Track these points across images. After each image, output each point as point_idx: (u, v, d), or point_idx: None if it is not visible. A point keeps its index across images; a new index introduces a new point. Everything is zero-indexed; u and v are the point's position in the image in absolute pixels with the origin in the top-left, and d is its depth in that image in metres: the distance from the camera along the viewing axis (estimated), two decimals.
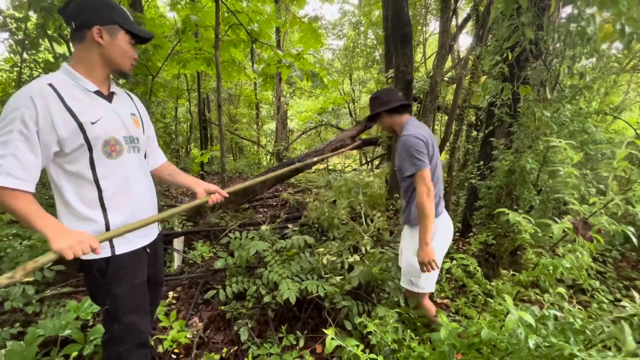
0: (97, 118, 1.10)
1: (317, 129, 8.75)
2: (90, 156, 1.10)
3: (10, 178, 0.94)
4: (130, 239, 1.23)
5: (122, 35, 1.13)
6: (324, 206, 3.29)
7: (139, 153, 1.28)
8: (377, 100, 1.86)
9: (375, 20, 9.85)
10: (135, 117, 1.29)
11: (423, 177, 1.63)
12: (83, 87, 1.11)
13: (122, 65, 1.17)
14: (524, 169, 2.42)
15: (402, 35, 3.25)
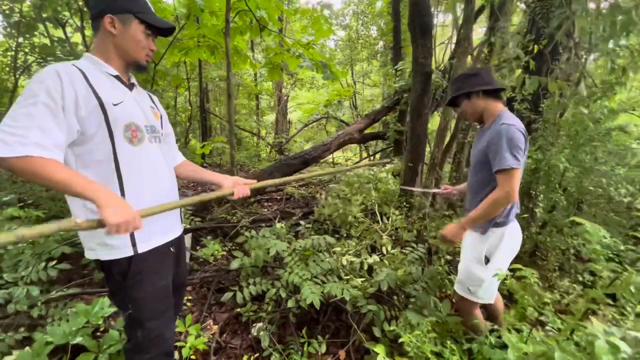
0: (119, 100, 1.06)
1: (320, 121, 8.59)
2: (111, 142, 1.03)
3: (36, 148, 0.87)
4: (152, 236, 1.16)
5: (136, 24, 1.09)
6: (337, 202, 3.18)
7: (160, 144, 1.22)
8: (476, 78, 1.63)
9: (379, 11, 9.63)
10: (154, 110, 1.25)
11: (512, 177, 1.44)
12: (105, 71, 1.09)
13: (135, 56, 1.12)
14: (552, 168, 2.32)
15: (421, 25, 3.09)
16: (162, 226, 1.20)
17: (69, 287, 2.21)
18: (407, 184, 3.52)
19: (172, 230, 1.27)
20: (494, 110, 1.61)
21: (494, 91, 1.62)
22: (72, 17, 5.13)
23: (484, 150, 1.55)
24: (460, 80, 1.70)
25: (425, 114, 3.38)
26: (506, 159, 1.43)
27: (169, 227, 1.24)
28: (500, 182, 1.48)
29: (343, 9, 11.46)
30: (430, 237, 2.96)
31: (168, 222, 1.24)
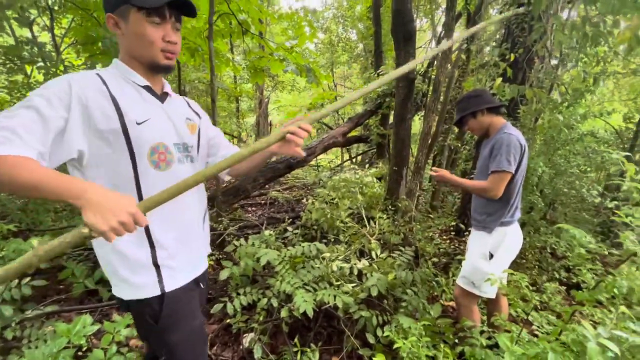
0: (145, 118, 0.89)
1: None
2: (133, 168, 0.87)
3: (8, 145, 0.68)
4: (180, 271, 1.01)
5: (135, 14, 0.85)
6: (325, 207, 3.18)
7: (193, 163, 1.04)
8: (479, 98, 1.84)
9: (359, 15, 9.75)
10: (191, 122, 1.06)
11: (500, 179, 1.67)
12: (132, 82, 0.92)
13: (148, 56, 0.90)
14: (530, 171, 2.43)
15: (404, 32, 3.16)
16: (189, 260, 1.06)
17: (46, 304, 2.08)
18: (391, 187, 3.58)
19: (199, 264, 1.12)
20: (498, 124, 1.82)
21: (495, 108, 1.84)
22: (40, 16, 4.86)
23: (487, 157, 1.75)
24: (464, 102, 1.89)
25: (409, 118, 3.45)
26: (501, 162, 1.65)
27: (197, 260, 1.10)
28: (490, 179, 1.71)
29: (323, 12, 11.52)
30: (416, 240, 3.03)
31: (196, 253, 1.09)
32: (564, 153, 2.65)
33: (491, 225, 1.79)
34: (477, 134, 1.92)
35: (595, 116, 3.13)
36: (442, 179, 1.91)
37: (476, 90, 1.91)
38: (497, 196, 1.71)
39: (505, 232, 1.78)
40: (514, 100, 2.97)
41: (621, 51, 2.18)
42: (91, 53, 4.22)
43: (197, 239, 1.08)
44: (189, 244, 1.04)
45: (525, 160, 1.76)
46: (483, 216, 1.84)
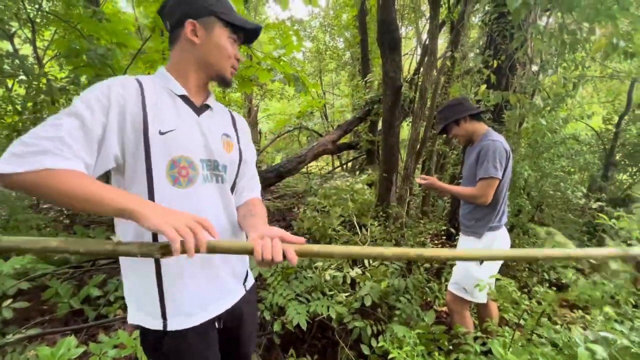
0: (170, 128, 0.83)
1: (292, 132, 8.59)
2: (148, 181, 0.81)
3: (56, 158, 0.67)
4: (191, 310, 0.88)
5: (220, 28, 0.88)
6: (317, 215, 3.17)
7: (222, 184, 0.94)
8: (461, 106, 1.87)
9: (345, 23, 9.89)
10: (228, 139, 0.97)
11: (488, 185, 1.71)
12: (170, 90, 0.89)
13: (220, 68, 0.91)
14: (517, 174, 2.47)
15: (390, 41, 3.22)
16: (202, 296, 0.90)
17: (28, 327, 2.00)
18: (382, 194, 3.59)
19: (222, 298, 0.95)
20: (481, 131, 1.86)
21: (477, 114, 1.88)
22: (21, 28, 4.79)
23: (474, 164, 1.78)
24: (446, 110, 1.93)
25: (397, 125, 3.50)
26: (489, 169, 1.69)
27: (214, 297, 0.93)
28: (479, 185, 1.74)
29: (310, 21, 11.65)
30: (408, 246, 3.03)
31: (215, 288, 0.93)
32: (549, 156, 2.72)
33: (480, 231, 1.81)
34: (461, 140, 1.95)
35: (576, 119, 3.22)
36: (430, 186, 1.93)
37: (457, 99, 1.95)
38: (487, 202, 1.74)
39: (494, 236, 1.81)
40: (499, 105, 3.04)
41: (598, 57, 2.26)
42: (75, 65, 4.15)
43: (224, 271, 0.96)
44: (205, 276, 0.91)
45: (510, 165, 1.80)
46: (472, 221, 1.86)
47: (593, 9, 1.83)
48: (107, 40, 4.37)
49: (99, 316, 2.26)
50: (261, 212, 0.99)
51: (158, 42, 4.53)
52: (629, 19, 1.78)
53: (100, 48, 4.00)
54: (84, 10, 4.30)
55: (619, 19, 1.75)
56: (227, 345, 1.03)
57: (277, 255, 0.74)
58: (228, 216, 0.96)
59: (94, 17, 4.10)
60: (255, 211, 0.99)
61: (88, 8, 4.38)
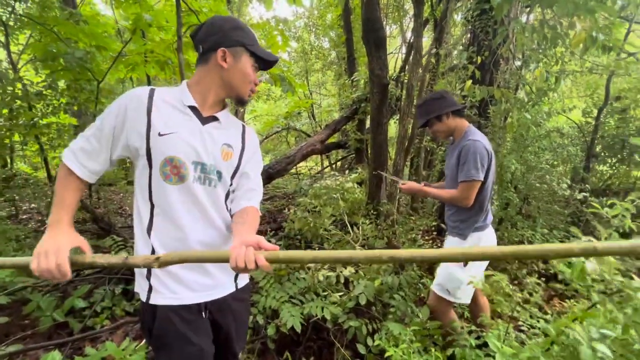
0: (169, 131, 0.97)
1: (280, 133, 8.53)
2: (149, 176, 0.98)
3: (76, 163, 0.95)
4: (172, 288, 1.00)
5: (246, 57, 1.05)
6: (308, 216, 3.14)
7: (213, 188, 1.04)
8: (443, 101, 1.80)
9: (330, 23, 9.90)
10: (229, 150, 1.07)
11: (470, 187, 1.67)
12: (181, 101, 1.03)
13: (241, 90, 1.07)
14: (504, 168, 2.51)
15: (375, 39, 3.22)
16: (190, 280, 1.01)
17: (8, 344, 1.91)
18: (372, 192, 3.59)
19: (210, 289, 1.05)
20: (462, 127, 1.81)
21: (459, 110, 1.82)
22: None
23: (455, 165, 1.74)
24: (427, 104, 1.87)
25: (385, 123, 3.50)
26: (469, 171, 1.64)
27: (200, 285, 1.03)
28: (460, 188, 1.71)
29: (294, 21, 11.61)
30: (399, 243, 3.04)
31: (202, 278, 1.04)
32: (534, 149, 2.77)
33: (465, 232, 1.77)
34: (442, 136, 1.89)
35: (558, 113, 3.30)
36: (410, 191, 1.90)
37: (439, 92, 1.88)
38: (469, 205, 1.70)
39: (479, 237, 1.77)
40: (484, 100, 3.08)
41: (577, 51, 2.32)
42: (52, 69, 4.01)
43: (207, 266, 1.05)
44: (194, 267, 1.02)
45: (493, 165, 1.75)
46: (456, 222, 1.82)
47: (572, 3, 1.86)
48: (85, 43, 4.24)
49: (85, 328, 2.18)
50: (251, 220, 1.03)
51: (139, 44, 4.42)
52: (607, 12, 1.82)
53: (78, 51, 3.88)
54: (60, 13, 4.16)
55: (597, 13, 1.79)
56: (219, 341, 1.11)
57: (250, 263, 0.79)
58: (221, 218, 1.07)
59: (71, 19, 3.97)
60: (245, 219, 1.03)
61: (64, 10, 4.24)
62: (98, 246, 3.00)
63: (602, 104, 4.52)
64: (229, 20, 1.06)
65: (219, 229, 1.06)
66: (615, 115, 4.81)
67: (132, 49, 4.60)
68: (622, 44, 3.04)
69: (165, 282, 0.98)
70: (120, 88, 7.00)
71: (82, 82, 4.14)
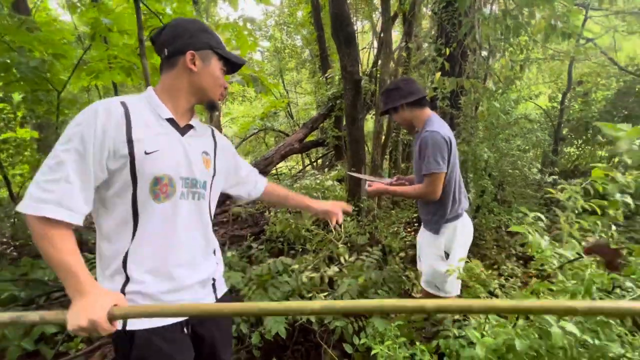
0: (155, 149, 0.91)
1: (258, 134, 8.41)
2: (133, 195, 0.89)
3: (59, 209, 0.79)
4: None
5: (215, 61, 1.02)
6: (289, 217, 3.10)
7: (200, 201, 1.02)
8: (397, 92, 1.74)
9: (301, 21, 9.83)
10: (207, 157, 1.07)
11: (435, 179, 1.63)
12: (157, 113, 0.97)
13: (211, 94, 1.04)
14: (478, 157, 2.56)
15: (345, 35, 3.21)
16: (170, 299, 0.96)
17: None
18: (352, 189, 3.59)
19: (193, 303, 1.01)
20: (422, 117, 1.76)
21: (417, 100, 1.73)
22: None
23: (417, 158, 1.72)
24: (384, 95, 1.82)
25: (360, 119, 3.50)
26: (430, 164, 1.61)
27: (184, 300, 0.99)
28: (425, 182, 1.68)
29: (265, 20, 11.45)
30: (382, 238, 3.06)
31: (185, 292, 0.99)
32: (504, 136, 2.84)
33: (437, 226, 1.75)
34: (403, 126, 1.89)
35: (525, 100, 3.40)
36: (377, 193, 1.85)
37: (396, 82, 1.83)
38: (437, 197, 1.67)
39: (454, 227, 1.75)
40: (454, 91, 3.13)
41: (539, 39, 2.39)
42: (5, 81, 3.76)
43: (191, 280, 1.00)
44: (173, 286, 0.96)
45: (455, 153, 1.72)
46: (428, 216, 1.81)
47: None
48: (41, 52, 4.00)
49: (58, 354, 2.06)
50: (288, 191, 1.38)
51: (101, 50, 4.22)
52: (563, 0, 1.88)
53: (33, 60, 3.65)
54: (11, 20, 3.90)
55: (555, 2, 1.84)
56: (205, 354, 1.07)
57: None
58: (202, 231, 1.04)
59: (23, 27, 3.72)
60: (286, 191, 1.37)
61: (14, 17, 3.97)
62: None
63: (565, 89, 4.72)
64: (195, 22, 1.03)
65: (203, 241, 1.04)
66: (579, 99, 5.04)
67: (93, 55, 4.38)
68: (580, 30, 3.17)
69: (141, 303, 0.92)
70: (85, 97, 6.68)
71: (39, 93, 3.90)
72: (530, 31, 2.16)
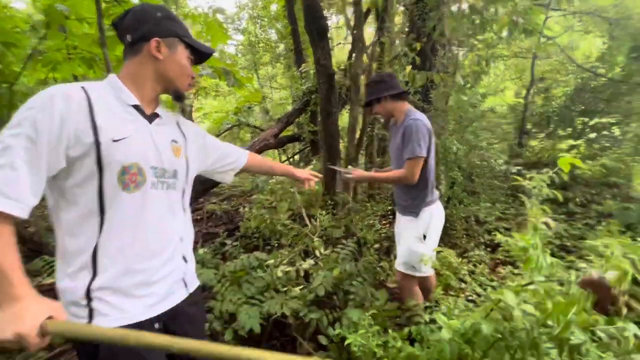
0: (122, 136, 0.87)
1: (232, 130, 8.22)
2: (99, 185, 0.84)
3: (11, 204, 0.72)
4: (125, 307, 0.88)
5: (182, 49, 1.00)
6: (263, 213, 3.06)
7: (168, 191, 0.98)
8: (383, 84, 1.87)
9: (275, 14, 9.67)
10: (176, 145, 1.04)
11: (416, 164, 1.76)
12: (122, 99, 0.92)
13: (178, 83, 1.01)
14: (448, 149, 2.64)
15: (318, 28, 3.18)
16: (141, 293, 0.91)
17: None
18: (328, 183, 3.60)
19: (164, 297, 0.97)
20: (402, 109, 1.90)
21: (400, 93, 1.89)
22: None
23: (400, 144, 1.82)
24: (370, 86, 1.95)
25: (335, 113, 3.50)
26: (414, 149, 1.73)
27: (156, 294, 0.94)
28: (406, 166, 1.79)
29: (238, 12, 11.18)
30: (357, 230, 3.09)
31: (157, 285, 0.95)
32: (473, 130, 2.95)
33: (417, 209, 1.88)
34: (383, 117, 1.98)
35: (491, 94, 3.54)
36: (361, 178, 1.96)
37: (380, 75, 1.98)
38: (415, 181, 1.80)
39: (431, 211, 1.88)
40: (426, 85, 3.20)
41: (504, 36, 2.49)
42: None
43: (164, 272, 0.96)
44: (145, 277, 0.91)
45: (433, 142, 1.88)
46: (408, 201, 1.92)
47: None
48: None
49: None
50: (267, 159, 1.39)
51: (59, 40, 3.94)
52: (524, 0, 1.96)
53: None
54: None
55: None
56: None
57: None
58: (174, 222, 1.01)
59: None
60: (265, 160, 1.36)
61: None
62: (27, 270, 2.66)
63: (529, 85, 4.96)
64: (160, 8, 0.99)
65: (172, 237, 1.00)
66: (541, 95, 5.32)
67: (50, 45, 4.08)
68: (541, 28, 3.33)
69: (112, 302, 0.86)
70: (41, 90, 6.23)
71: None
72: (496, 28, 2.24)
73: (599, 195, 3.73)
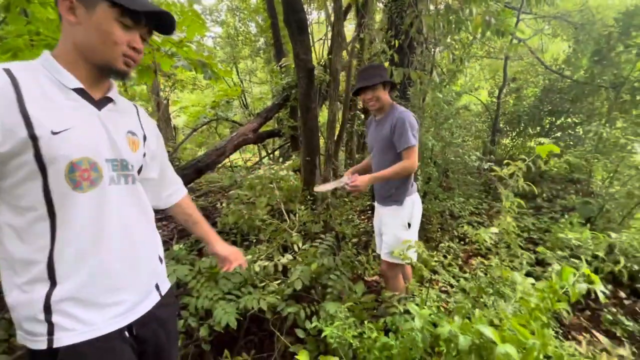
0: (65, 127, 0.73)
1: (210, 124, 8.03)
2: (43, 186, 0.72)
3: None
4: (91, 318, 0.78)
5: (105, 9, 0.75)
6: (242, 208, 3.02)
7: (131, 185, 0.87)
8: (379, 71, 1.91)
9: (255, 7, 9.49)
10: (133, 137, 0.90)
11: (414, 152, 1.84)
12: (59, 83, 0.76)
13: (106, 56, 0.78)
14: (424, 145, 2.70)
15: (297, 22, 3.14)
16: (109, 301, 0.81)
17: None
18: (307, 179, 3.59)
19: (136, 304, 0.87)
20: (389, 100, 1.96)
21: (392, 86, 1.99)
22: None
23: (389, 136, 1.87)
24: (374, 69, 1.95)
25: (314, 108, 3.49)
26: (410, 139, 1.81)
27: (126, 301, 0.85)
28: (406, 156, 1.85)
29: (217, 4, 10.88)
30: (336, 225, 3.11)
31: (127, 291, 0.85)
32: (448, 127, 3.03)
33: (401, 198, 1.94)
34: (373, 105, 1.93)
35: (467, 93, 3.65)
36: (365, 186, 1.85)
37: (377, 64, 2.03)
38: (415, 168, 1.88)
39: (413, 200, 1.96)
40: (403, 82, 3.25)
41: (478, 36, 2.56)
42: None
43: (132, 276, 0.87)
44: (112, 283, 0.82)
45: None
46: (392, 190, 1.97)
47: None
48: None
49: None
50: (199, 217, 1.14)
51: (21, 24, 3.67)
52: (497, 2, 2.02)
53: None
54: None
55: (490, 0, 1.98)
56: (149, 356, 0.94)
57: None
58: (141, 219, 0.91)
59: None
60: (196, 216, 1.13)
61: None
62: None
63: (501, 84, 5.15)
64: None
65: (139, 236, 0.89)
66: (513, 95, 5.54)
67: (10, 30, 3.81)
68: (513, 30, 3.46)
69: (75, 314, 0.76)
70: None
71: None
72: (470, 27, 2.30)
73: (564, 191, 3.95)
